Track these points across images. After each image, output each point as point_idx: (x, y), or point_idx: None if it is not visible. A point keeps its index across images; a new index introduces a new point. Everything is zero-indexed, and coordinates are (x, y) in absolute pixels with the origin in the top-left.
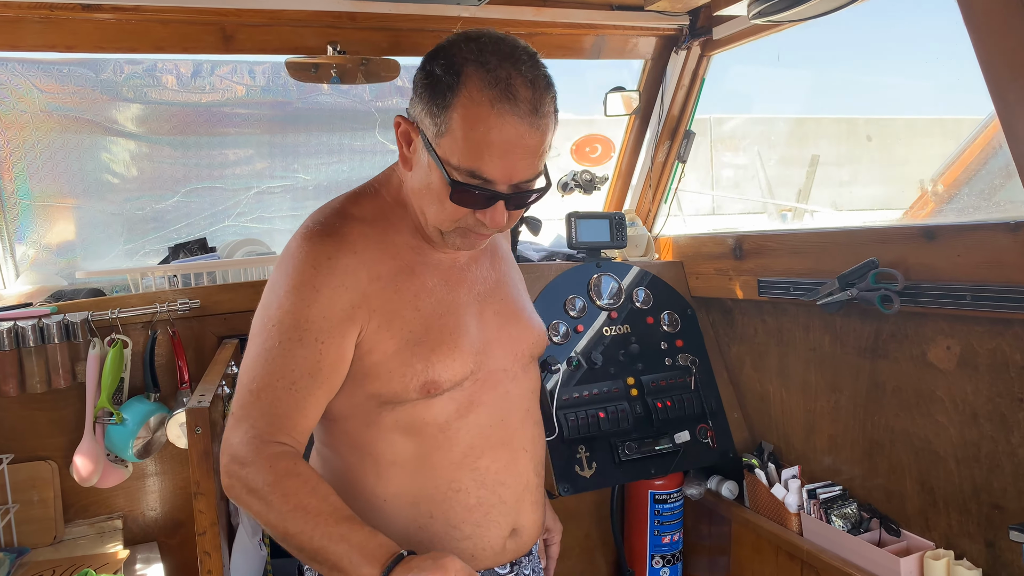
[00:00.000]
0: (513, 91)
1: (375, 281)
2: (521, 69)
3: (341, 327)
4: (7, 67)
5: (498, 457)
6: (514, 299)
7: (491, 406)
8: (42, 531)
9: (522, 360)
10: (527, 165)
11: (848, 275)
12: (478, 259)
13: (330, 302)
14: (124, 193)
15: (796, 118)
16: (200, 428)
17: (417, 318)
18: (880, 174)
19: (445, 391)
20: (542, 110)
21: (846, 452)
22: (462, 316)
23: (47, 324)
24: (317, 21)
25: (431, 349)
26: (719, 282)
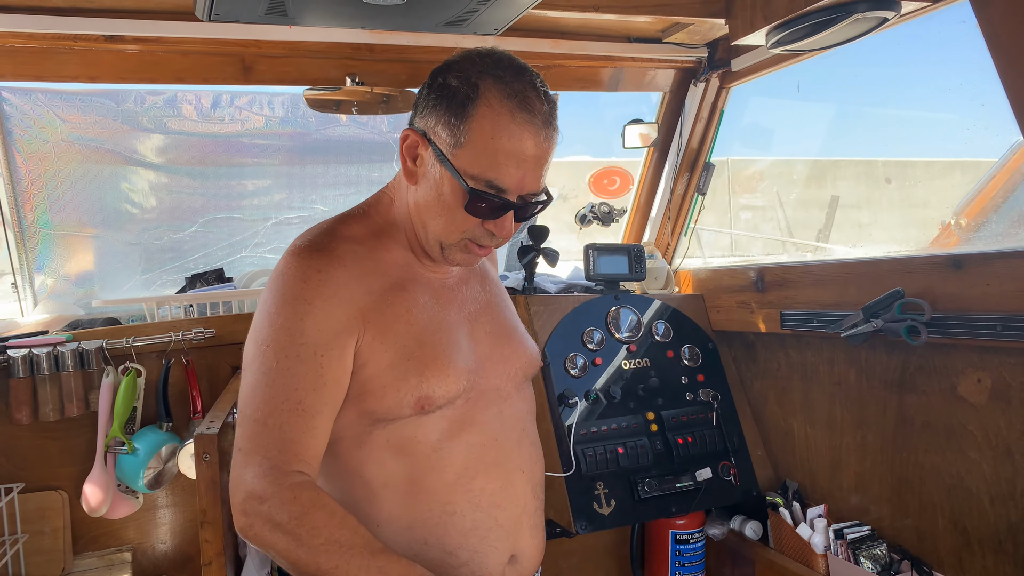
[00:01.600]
0: (530, 102)
1: (367, 294)
2: (535, 82)
3: (339, 339)
4: (31, 97)
5: (493, 478)
6: (505, 319)
7: (484, 425)
8: (50, 562)
9: (515, 379)
10: (537, 175)
11: (873, 306)
12: (468, 280)
13: (325, 314)
14: (143, 223)
15: (814, 160)
16: (208, 455)
17: (410, 332)
18: (900, 216)
19: (438, 408)
20: (553, 121)
21: (874, 490)
22: (454, 333)
23: (62, 352)
24: (336, 53)
25: (425, 364)
26: (741, 315)
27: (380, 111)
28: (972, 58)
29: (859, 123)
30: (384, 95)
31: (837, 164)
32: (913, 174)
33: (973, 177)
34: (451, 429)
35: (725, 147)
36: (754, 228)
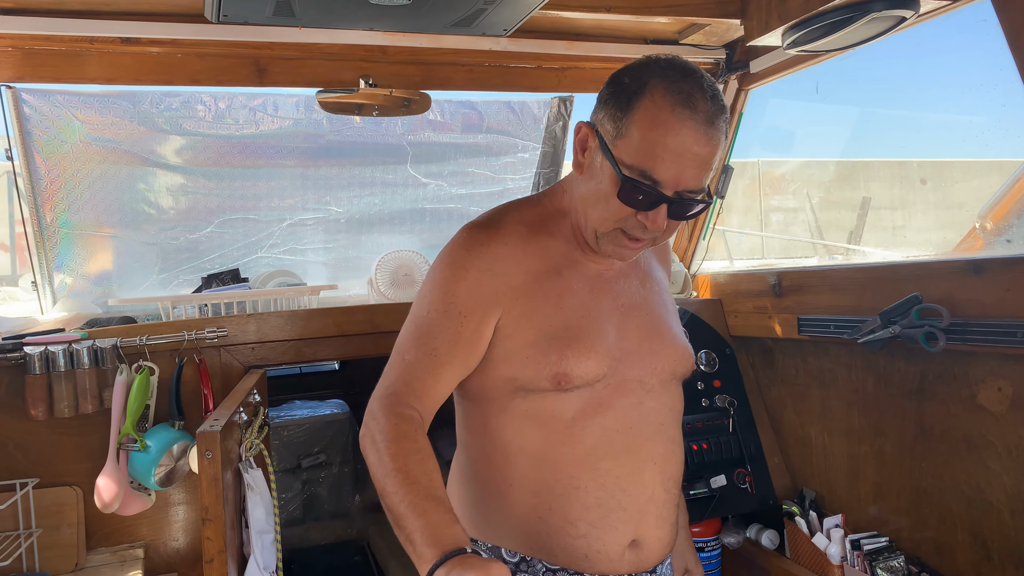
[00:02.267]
0: (694, 101)
1: (522, 274)
2: (703, 84)
3: (483, 307)
4: (50, 99)
5: (621, 463)
6: (659, 318)
7: (620, 412)
8: (64, 557)
9: (661, 375)
10: (695, 174)
11: (890, 311)
12: (628, 275)
13: (476, 283)
14: (160, 223)
15: (847, 161)
16: (211, 453)
17: (558, 315)
18: (935, 218)
19: (576, 387)
20: (717, 123)
21: (892, 500)
22: (603, 322)
23: (77, 349)
24: (350, 55)
25: (566, 344)
26: (758, 320)
27: (401, 113)
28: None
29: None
30: (405, 98)
31: (869, 165)
32: (950, 173)
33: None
34: (587, 409)
35: (744, 149)
36: (784, 230)
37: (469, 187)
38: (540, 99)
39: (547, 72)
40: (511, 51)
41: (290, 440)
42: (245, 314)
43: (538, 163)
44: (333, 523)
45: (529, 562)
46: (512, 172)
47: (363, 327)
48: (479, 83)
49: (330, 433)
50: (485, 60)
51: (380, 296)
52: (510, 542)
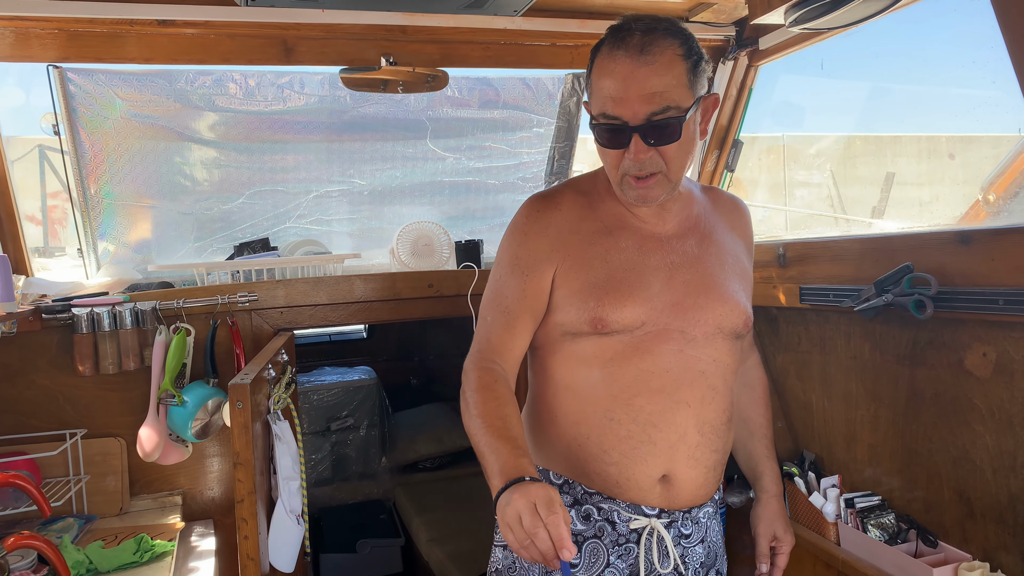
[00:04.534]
0: (626, 39)
1: (574, 234)
2: (641, 24)
3: (541, 264)
4: (92, 78)
5: (654, 400)
6: (712, 275)
7: (659, 357)
8: (109, 502)
9: (705, 328)
10: (644, 98)
11: (884, 280)
12: (684, 235)
13: (535, 244)
14: (195, 195)
15: (873, 136)
16: (241, 403)
17: (603, 268)
18: (964, 193)
19: (615, 332)
20: (651, 49)
21: (885, 462)
22: (647, 275)
23: (120, 311)
24: (371, 35)
25: (605, 293)
26: (764, 290)
27: (424, 89)
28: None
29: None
30: (428, 75)
31: (898, 140)
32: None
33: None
34: (625, 352)
35: (756, 124)
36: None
37: (486, 160)
38: (554, 75)
39: (560, 49)
40: (526, 29)
41: (320, 404)
42: (274, 280)
43: (553, 137)
44: (360, 483)
45: (571, 484)
46: (528, 146)
47: (384, 293)
48: (495, 60)
49: (358, 398)
50: (501, 38)
51: (401, 265)
52: (557, 466)
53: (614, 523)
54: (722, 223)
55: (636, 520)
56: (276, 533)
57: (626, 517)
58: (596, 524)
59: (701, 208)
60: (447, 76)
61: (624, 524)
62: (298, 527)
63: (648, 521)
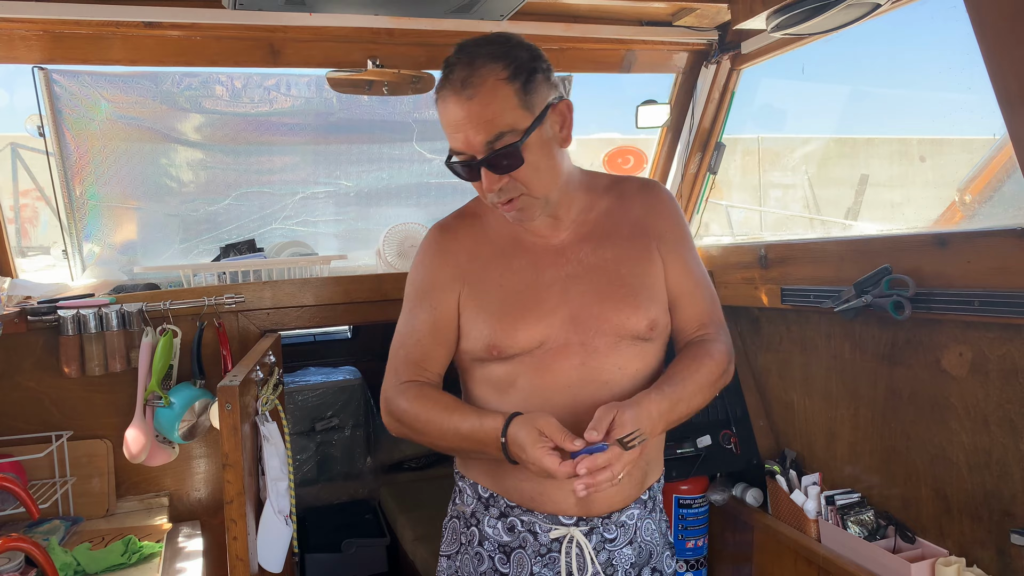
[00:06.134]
0: (449, 74)
1: (473, 261)
2: (463, 55)
3: (445, 293)
4: (78, 79)
5: (560, 419)
6: (610, 281)
7: (559, 373)
8: (96, 504)
9: (606, 337)
10: (478, 131)
11: (863, 282)
12: (580, 242)
13: (436, 275)
14: (181, 196)
15: (846, 138)
16: (231, 405)
17: (497, 293)
18: (934, 195)
19: (513, 355)
20: (471, 81)
21: (865, 460)
22: (542, 293)
23: (106, 313)
24: (358, 37)
25: (498, 320)
26: (746, 291)
27: (410, 91)
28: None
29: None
30: (414, 76)
31: (870, 142)
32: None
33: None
34: (527, 372)
35: (738, 127)
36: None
37: None
38: None
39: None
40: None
41: (305, 404)
42: (261, 282)
43: None
44: (346, 483)
45: (495, 498)
46: None
47: (371, 295)
48: None
49: (343, 398)
50: None
51: (387, 266)
52: (482, 479)
53: (536, 533)
54: (629, 216)
55: (556, 530)
56: (265, 534)
57: (546, 527)
58: (520, 535)
59: (605, 206)
60: (433, 79)
61: (545, 534)
62: (286, 527)
63: (567, 530)
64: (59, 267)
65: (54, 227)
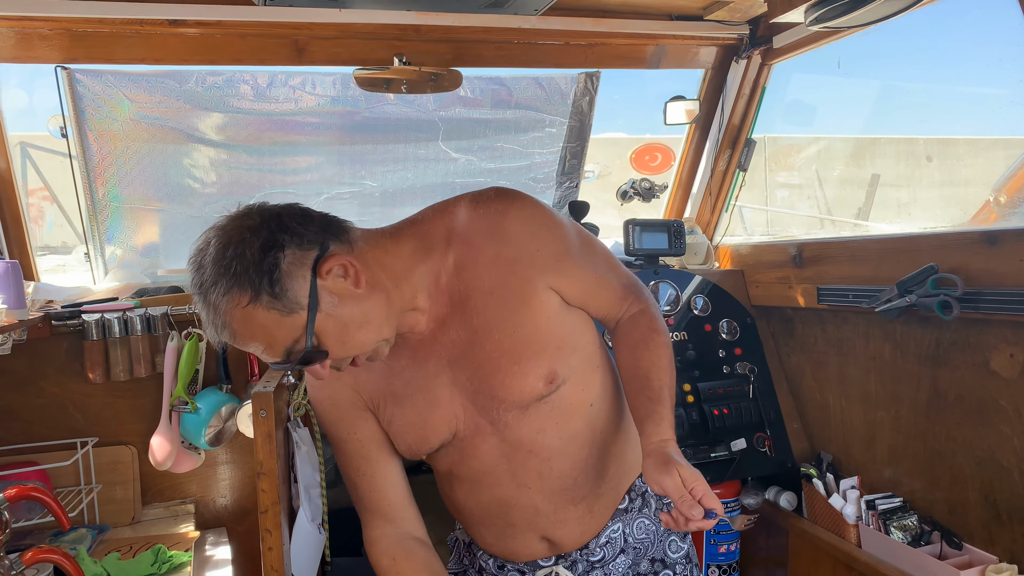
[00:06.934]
0: (206, 319)
1: (358, 375)
2: (201, 294)
3: (357, 416)
4: (101, 79)
5: (496, 493)
6: (488, 355)
7: (481, 456)
8: (121, 511)
9: (511, 411)
10: (266, 355)
11: (907, 281)
12: (445, 322)
13: (335, 407)
14: (204, 197)
15: (854, 138)
16: (264, 411)
17: (394, 400)
18: (941, 194)
19: (432, 452)
20: (221, 323)
21: (907, 463)
22: (432, 390)
23: (131, 317)
24: (384, 34)
25: (406, 429)
26: (779, 290)
27: (429, 90)
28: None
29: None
30: (432, 74)
31: (876, 142)
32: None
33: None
34: (454, 462)
35: (767, 124)
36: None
37: (498, 161)
38: (567, 74)
39: (574, 48)
40: (540, 28)
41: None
42: None
43: (564, 137)
44: None
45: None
46: (539, 146)
47: None
48: (508, 60)
49: None
50: (514, 37)
51: None
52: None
53: (524, 572)
54: (482, 264)
55: (540, 570)
56: (298, 542)
57: (529, 571)
58: (509, 573)
59: (452, 264)
60: (460, 76)
61: (531, 575)
62: (320, 535)
63: (550, 569)
64: (69, 266)
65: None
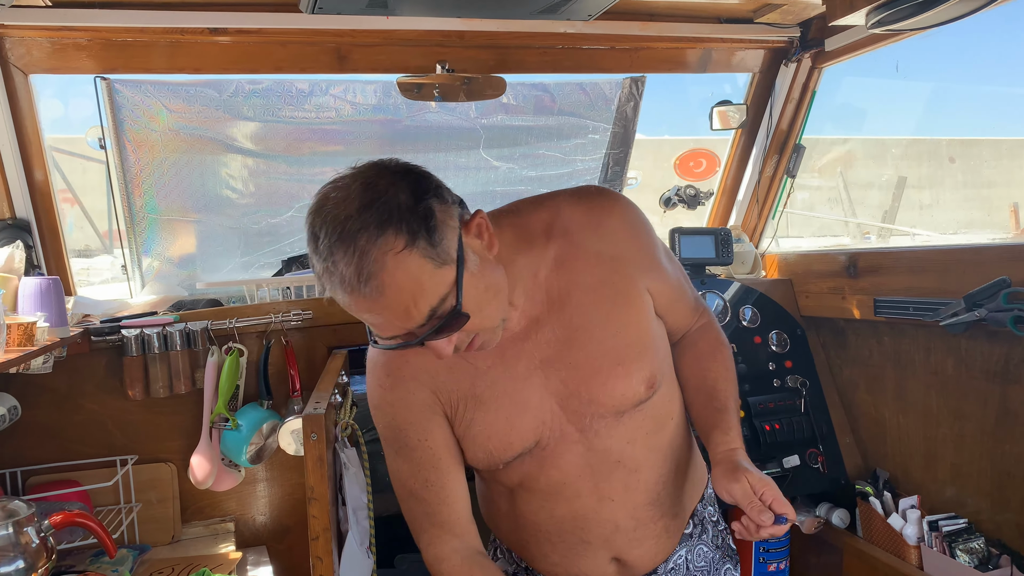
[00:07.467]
0: (333, 268)
1: (436, 376)
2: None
3: (430, 420)
4: (140, 89)
5: (575, 507)
6: (588, 355)
7: (564, 467)
8: (161, 530)
9: (605, 417)
10: (402, 320)
11: (976, 295)
12: (542, 320)
13: (407, 410)
14: (241, 208)
15: (876, 139)
16: (316, 435)
17: (477, 403)
18: (964, 196)
19: (510, 462)
20: (367, 273)
21: (972, 483)
22: (521, 392)
23: (170, 332)
24: (427, 40)
25: (488, 435)
26: (832, 301)
27: (461, 97)
28: None
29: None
30: (465, 78)
31: (899, 143)
32: (979, 152)
33: None
34: (531, 473)
35: (816, 128)
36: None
37: (539, 169)
38: (612, 80)
39: (619, 53)
40: (585, 33)
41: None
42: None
43: (608, 144)
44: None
45: (531, 572)
46: (582, 153)
47: None
48: (553, 66)
49: None
50: (559, 43)
51: None
52: (516, 550)
53: None
54: (585, 259)
55: None
56: (347, 568)
57: None
58: None
59: (552, 257)
60: (504, 83)
61: None
62: (368, 560)
63: None
64: (94, 270)
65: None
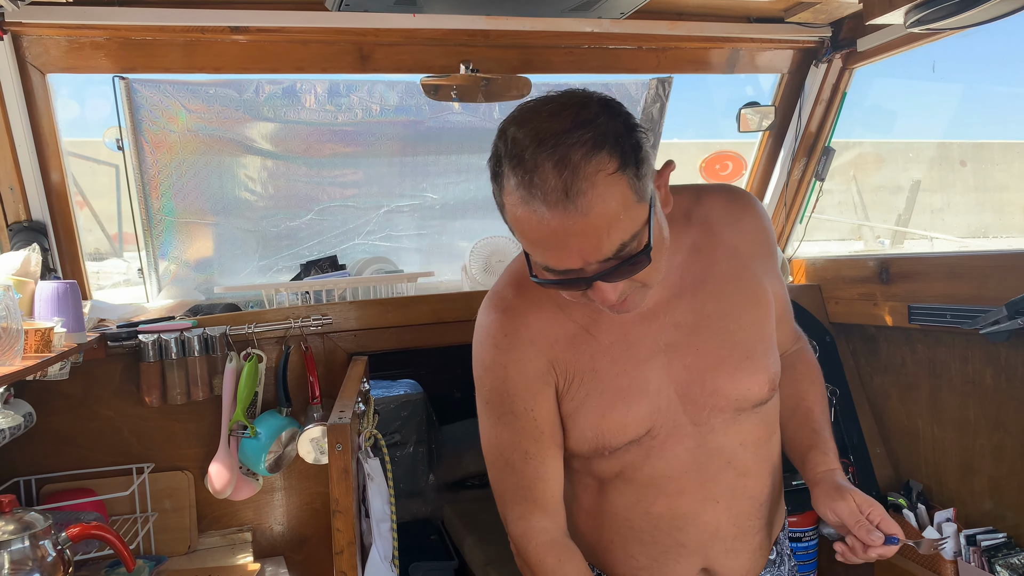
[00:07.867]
0: (538, 183)
1: (555, 344)
2: (551, 151)
3: (541, 390)
4: (159, 89)
5: (675, 505)
6: (718, 342)
7: (673, 459)
8: (178, 540)
9: (724, 413)
10: (593, 247)
11: (1018, 302)
12: (674, 299)
13: (520, 374)
14: (260, 211)
15: (887, 142)
16: (341, 445)
17: (594, 380)
18: (975, 200)
19: (618, 449)
20: (577, 187)
21: (1012, 496)
22: (643, 374)
23: (188, 337)
24: (451, 40)
25: (601, 415)
26: (862, 307)
27: (480, 98)
28: None
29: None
30: (484, 79)
31: (911, 146)
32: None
33: None
34: (636, 462)
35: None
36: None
37: None
38: (638, 80)
39: (647, 53)
40: (612, 32)
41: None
42: (347, 301)
43: None
44: (408, 502)
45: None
46: None
47: (461, 314)
48: (579, 66)
49: (404, 413)
50: (585, 42)
51: (473, 282)
52: (591, 558)
53: None
54: (721, 248)
55: None
56: None
57: None
58: None
59: (691, 241)
60: (530, 83)
61: None
62: (391, 574)
63: None
64: (104, 273)
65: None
